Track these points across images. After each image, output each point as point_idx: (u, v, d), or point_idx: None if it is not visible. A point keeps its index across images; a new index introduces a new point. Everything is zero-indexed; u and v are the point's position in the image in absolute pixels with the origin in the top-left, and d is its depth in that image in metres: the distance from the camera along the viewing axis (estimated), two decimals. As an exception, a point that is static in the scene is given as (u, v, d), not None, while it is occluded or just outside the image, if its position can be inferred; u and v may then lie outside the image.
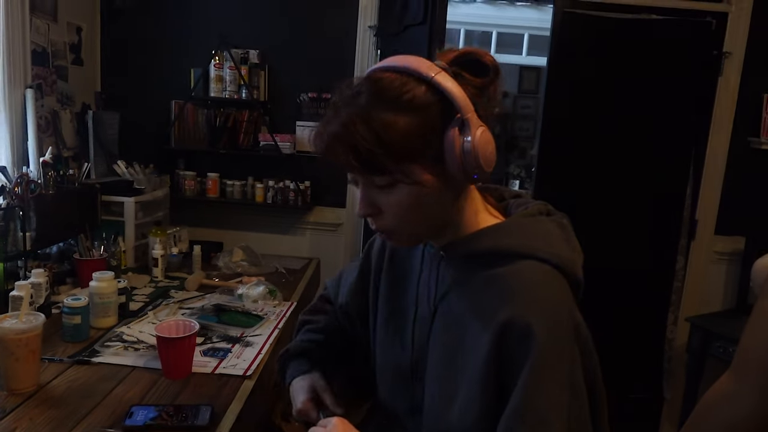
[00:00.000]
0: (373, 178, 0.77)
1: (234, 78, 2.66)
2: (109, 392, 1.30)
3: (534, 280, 0.78)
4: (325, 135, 0.76)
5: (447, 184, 0.78)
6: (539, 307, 0.75)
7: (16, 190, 1.83)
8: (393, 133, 0.73)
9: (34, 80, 2.22)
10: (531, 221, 0.86)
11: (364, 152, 0.74)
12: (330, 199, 2.85)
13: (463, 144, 0.74)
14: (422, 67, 0.75)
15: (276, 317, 1.83)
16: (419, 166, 0.76)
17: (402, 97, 0.75)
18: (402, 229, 0.82)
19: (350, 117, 0.74)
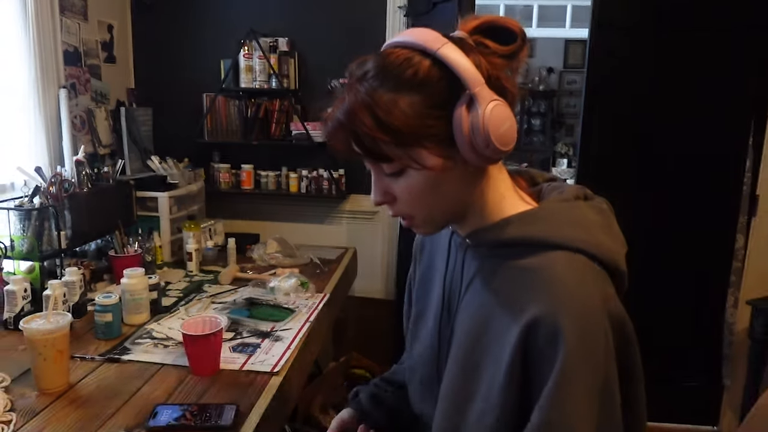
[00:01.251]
0: (381, 165, 0.73)
1: (264, 67, 2.62)
2: (136, 391, 1.30)
3: (565, 274, 0.70)
4: (329, 122, 0.73)
5: (461, 167, 0.72)
6: (570, 306, 0.67)
7: (50, 189, 1.85)
8: (395, 116, 0.68)
9: (68, 80, 2.24)
10: (565, 207, 0.77)
11: (367, 139, 0.70)
12: (365, 186, 2.80)
13: (472, 122, 0.68)
14: (428, 39, 0.69)
15: (308, 310, 1.79)
16: (426, 150, 0.70)
17: (404, 74, 0.69)
18: (418, 215, 0.77)
19: (352, 103, 0.70)
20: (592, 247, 0.72)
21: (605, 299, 0.70)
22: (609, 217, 0.80)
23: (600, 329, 0.68)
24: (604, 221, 0.78)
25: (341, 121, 0.71)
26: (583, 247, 0.72)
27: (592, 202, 0.81)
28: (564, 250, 0.72)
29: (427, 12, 2.43)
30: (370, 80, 0.70)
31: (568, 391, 0.65)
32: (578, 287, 0.69)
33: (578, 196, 0.80)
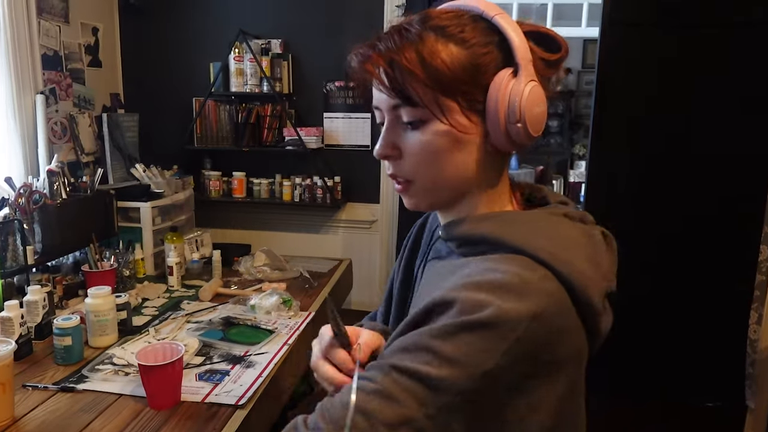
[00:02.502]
0: (401, 112, 0.68)
1: (255, 71, 2.51)
2: (85, 426, 1.18)
3: (504, 272, 0.60)
4: (363, 50, 0.68)
5: (480, 141, 0.69)
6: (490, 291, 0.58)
7: (18, 201, 1.75)
8: (440, 59, 0.65)
9: (46, 85, 2.15)
10: (549, 219, 0.70)
11: (402, 71, 0.65)
12: (362, 194, 2.67)
13: (511, 89, 0.65)
14: (486, 6, 0.68)
15: (288, 331, 1.66)
16: (457, 105, 0.66)
17: (456, 28, 0.67)
18: (419, 179, 0.71)
19: (397, 40, 0.66)
20: (560, 264, 0.62)
21: (535, 315, 0.58)
22: (597, 246, 0.70)
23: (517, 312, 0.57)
24: (589, 247, 0.68)
25: (380, 49, 0.66)
26: (549, 261, 0.62)
27: (586, 226, 0.72)
28: (527, 256, 0.63)
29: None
30: (419, 24, 0.67)
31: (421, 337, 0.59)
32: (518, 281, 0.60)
33: (574, 217, 0.72)
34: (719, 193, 2.34)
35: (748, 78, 2.23)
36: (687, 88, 2.27)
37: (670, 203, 2.35)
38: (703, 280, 2.39)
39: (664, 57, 2.27)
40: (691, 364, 2.45)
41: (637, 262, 0.64)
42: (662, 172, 2.35)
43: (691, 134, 2.31)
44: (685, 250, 2.37)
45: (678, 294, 2.38)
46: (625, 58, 2.30)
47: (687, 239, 2.36)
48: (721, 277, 2.39)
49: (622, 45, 2.29)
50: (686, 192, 2.35)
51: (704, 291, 2.40)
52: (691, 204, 2.35)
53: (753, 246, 2.37)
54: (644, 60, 2.29)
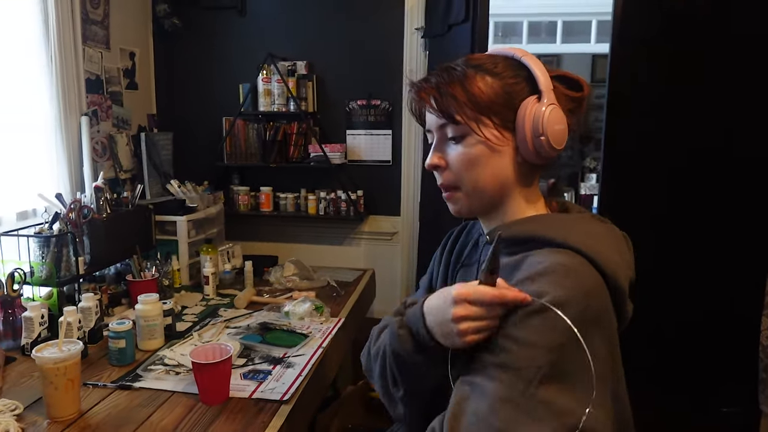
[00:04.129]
0: (446, 129, 0.85)
1: (282, 91, 2.65)
2: (146, 419, 1.29)
3: (560, 264, 0.75)
4: (417, 84, 0.87)
5: (512, 156, 0.84)
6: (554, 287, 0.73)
7: (69, 215, 1.88)
8: (477, 87, 0.82)
9: (89, 107, 2.29)
10: (581, 218, 0.87)
11: (447, 97, 0.83)
12: (384, 207, 2.79)
13: (535, 111, 0.81)
14: (512, 50, 0.86)
15: (322, 335, 1.77)
16: (492, 123, 0.82)
17: (490, 65, 0.85)
18: (463, 184, 0.86)
19: (443, 75, 0.85)
20: (594, 253, 0.78)
21: (588, 294, 0.74)
22: (620, 241, 0.86)
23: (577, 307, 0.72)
24: (613, 241, 0.84)
25: (431, 82, 0.85)
26: (585, 250, 0.77)
27: (610, 225, 0.88)
28: (567, 248, 0.78)
29: (443, 34, 2.42)
30: (460, 65, 0.86)
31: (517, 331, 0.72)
32: (570, 275, 0.74)
33: (596, 217, 0.88)
34: (732, 201, 2.42)
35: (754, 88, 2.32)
36: (696, 101, 2.36)
37: (683, 213, 2.42)
38: (716, 287, 2.46)
39: (673, 71, 2.36)
40: (706, 371, 2.51)
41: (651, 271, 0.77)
42: (675, 182, 2.43)
43: (702, 145, 2.39)
44: (699, 257, 2.44)
45: (692, 301, 2.44)
46: (634, 73, 2.40)
47: (700, 248, 2.44)
48: (734, 284, 2.46)
49: (631, 61, 2.39)
50: (699, 201, 2.43)
51: (717, 298, 2.47)
52: (704, 213, 2.43)
53: (765, 253, 2.45)
54: (653, 75, 2.38)
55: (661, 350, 2.45)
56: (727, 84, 2.33)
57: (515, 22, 5.97)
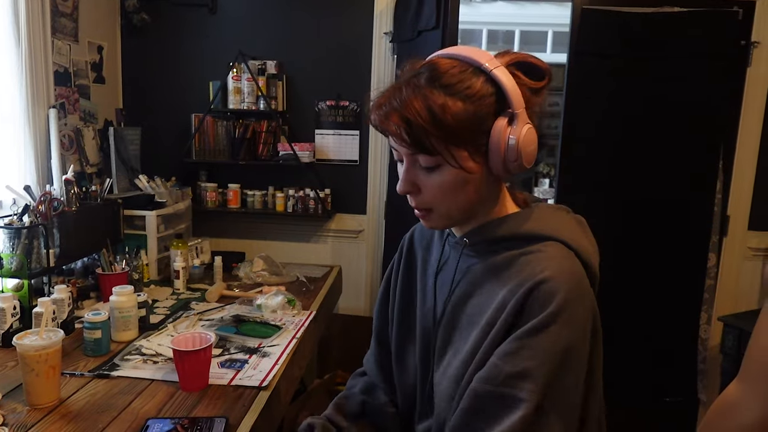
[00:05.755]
0: (418, 158, 0.81)
1: (252, 89, 2.68)
2: (126, 405, 1.32)
3: (560, 254, 0.81)
4: (383, 107, 0.80)
5: (487, 174, 0.83)
6: (568, 277, 0.78)
7: (39, 208, 1.87)
8: (448, 116, 0.76)
9: (57, 100, 2.28)
10: (554, 212, 0.90)
11: (418, 129, 0.77)
12: (350, 206, 2.85)
13: (509, 137, 0.78)
14: (483, 59, 0.79)
15: (294, 327, 1.83)
16: (466, 152, 0.79)
17: (461, 85, 0.78)
18: (437, 208, 0.85)
19: (409, 95, 0.78)
20: (576, 245, 0.84)
21: (587, 288, 0.81)
22: (586, 228, 0.92)
23: (585, 306, 0.78)
24: (582, 230, 0.90)
25: (397, 108, 0.78)
26: (569, 243, 0.83)
27: (573, 215, 0.93)
28: (555, 241, 0.83)
29: (412, 39, 2.51)
30: (428, 81, 0.78)
31: (537, 338, 0.75)
32: (571, 265, 0.81)
33: (561, 208, 0.93)
34: (674, 208, 2.59)
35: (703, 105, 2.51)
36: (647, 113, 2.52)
37: (629, 218, 2.57)
38: (658, 285, 2.63)
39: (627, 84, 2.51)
40: (649, 363, 2.68)
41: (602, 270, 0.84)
42: (622, 190, 2.58)
43: (648, 155, 2.56)
44: (646, 259, 2.60)
45: (635, 298, 2.60)
46: (590, 85, 2.54)
47: (645, 249, 2.60)
48: (675, 283, 2.64)
49: (587, 72, 2.53)
50: (644, 208, 2.59)
51: (660, 295, 2.63)
52: (650, 218, 2.59)
53: (703, 256, 2.64)
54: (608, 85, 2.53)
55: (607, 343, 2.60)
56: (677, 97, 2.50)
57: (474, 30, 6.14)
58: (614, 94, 2.53)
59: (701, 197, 2.59)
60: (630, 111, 2.53)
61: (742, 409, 0.80)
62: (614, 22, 2.46)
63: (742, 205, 2.65)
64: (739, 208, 2.65)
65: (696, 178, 2.57)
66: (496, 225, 0.86)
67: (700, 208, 2.60)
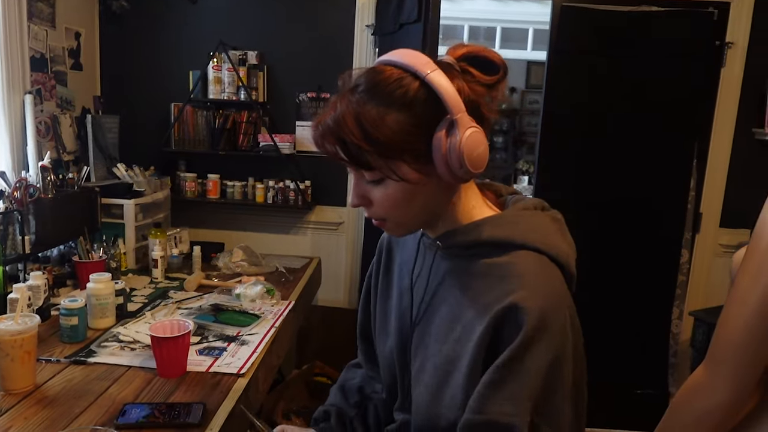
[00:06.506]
0: (362, 172, 0.79)
1: (232, 79, 2.67)
2: (103, 391, 1.31)
3: (530, 268, 0.79)
4: (319, 127, 0.78)
5: (436, 182, 0.79)
6: (537, 293, 0.76)
7: (15, 194, 1.85)
8: (381, 130, 0.74)
9: (33, 86, 2.24)
10: (527, 214, 0.86)
11: (352, 147, 0.75)
12: (330, 198, 2.86)
13: (449, 145, 0.74)
14: (419, 63, 0.75)
15: (273, 316, 1.83)
16: (406, 164, 0.76)
17: (395, 93, 0.75)
18: (392, 219, 0.83)
19: (342, 112, 0.75)
20: (550, 248, 0.81)
21: (564, 294, 0.80)
22: (563, 226, 0.89)
23: (559, 314, 0.77)
24: (559, 228, 0.87)
25: (331, 127, 0.76)
26: (543, 248, 0.81)
27: (549, 212, 0.90)
28: (527, 249, 0.81)
29: (393, 32, 2.52)
30: (361, 93, 0.76)
31: (521, 360, 0.74)
32: (543, 278, 0.79)
33: (537, 206, 0.89)
34: (648, 205, 2.65)
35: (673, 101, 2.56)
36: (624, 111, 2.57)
37: (604, 215, 2.61)
38: (632, 281, 2.68)
39: (603, 83, 2.56)
40: (621, 356, 2.74)
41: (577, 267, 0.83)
42: (598, 186, 2.63)
43: (624, 154, 2.60)
44: (618, 254, 2.65)
45: (608, 293, 2.64)
46: (568, 82, 2.58)
47: (619, 246, 2.65)
48: (648, 278, 2.70)
49: (566, 70, 2.57)
50: (619, 205, 2.64)
51: (633, 290, 2.69)
52: (624, 216, 2.64)
53: (676, 253, 2.70)
54: (585, 85, 2.58)
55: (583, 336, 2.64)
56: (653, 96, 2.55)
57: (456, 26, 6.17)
58: (592, 92, 2.57)
59: (675, 195, 2.65)
60: (607, 109, 2.58)
61: (709, 392, 0.82)
62: (593, 20, 2.50)
63: (715, 203, 2.71)
64: (712, 206, 2.71)
65: (670, 176, 2.63)
66: (464, 232, 0.84)
67: (673, 206, 2.66)
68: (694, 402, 0.84)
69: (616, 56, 2.54)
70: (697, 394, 0.84)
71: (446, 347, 0.83)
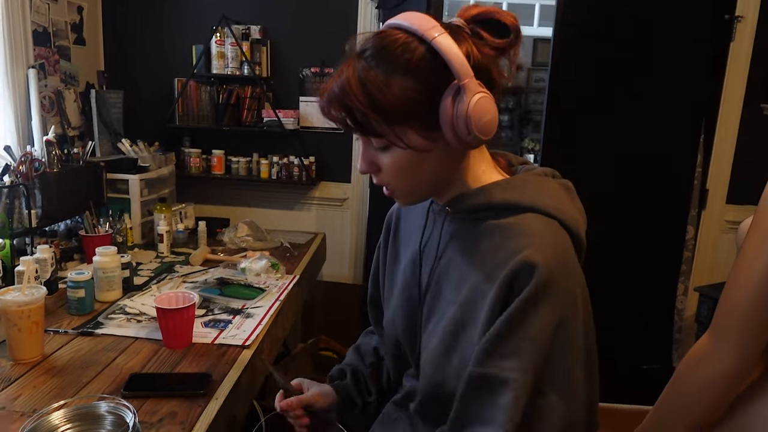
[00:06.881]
0: (370, 139, 0.78)
1: (236, 54, 2.65)
2: (110, 362, 1.33)
3: (539, 228, 0.78)
4: (325, 94, 0.77)
5: (444, 148, 0.78)
6: (544, 251, 0.75)
7: (20, 168, 1.85)
8: (387, 96, 0.73)
9: (36, 60, 2.23)
10: (537, 179, 0.85)
11: (358, 114, 0.74)
12: (335, 174, 2.86)
13: (456, 112, 0.73)
14: (425, 27, 0.73)
15: (278, 290, 1.84)
16: (413, 130, 0.75)
17: (400, 58, 0.73)
18: (399, 186, 0.82)
19: (348, 78, 0.74)
20: (560, 213, 0.80)
21: (573, 259, 0.79)
22: (573, 194, 0.88)
23: (569, 276, 0.76)
24: (569, 196, 0.86)
25: (337, 94, 0.75)
26: (553, 213, 0.80)
27: (560, 180, 0.90)
28: (536, 212, 0.80)
29: (398, 5, 2.49)
30: (367, 59, 0.74)
31: (527, 314, 0.73)
32: (553, 239, 0.78)
33: (547, 173, 0.89)
34: (655, 182, 2.63)
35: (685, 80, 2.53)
36: (631, 87, 2.55)
37: (613, 191, 2.61)
38: (637, 257, 2.69)
39: (611, 59, 2.53)
40: (626, 331, 2.75)
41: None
42: (605, 163, 2.61)
43: (630, 130, 2.58)
44: (624, 230, 2.65)
45: (614, 269, 2.65)
46: (575, 59, 2.55)
47: (625, 222, 2.64)
48: (654, 255, 2.70)
49: (572, 47, 2.54)
50: (627, 181, 2.63)
51: (638, 266, 2.69)
52: (631, 192, 2.64)
53: (681, 227, 2.69)
54: (592, 61, 2.55)
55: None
56: (660, 70, 2.52)
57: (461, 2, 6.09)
58: (599, 69, 2.54)
59: (682, 171, 2.63)
60: (613, 84, 2.55)
61: (714, 360, 0.82)
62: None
63: (721, 180, 2.69)
64: (718, 182, 2.70)
65: (677, 153, 2.61)
66: (473, 195, 0.83)
67: (680, 182, 2.64)
68: (698, 370, 0.84)
69: (623, 31, 2.50)
70: (702, 363, 0.84)
71: (454, 311, 0.83)
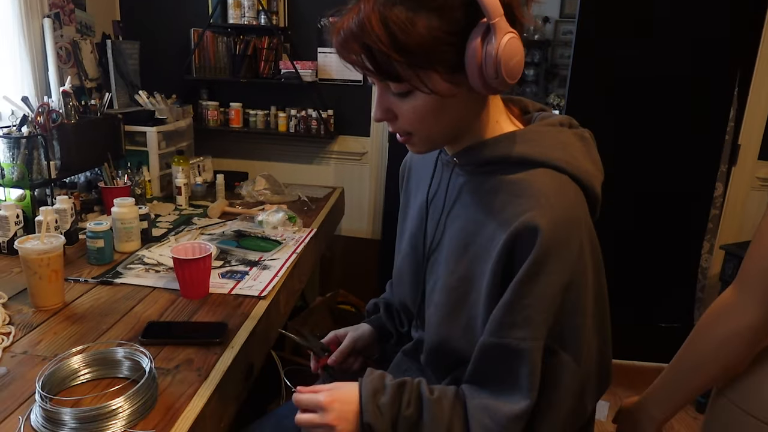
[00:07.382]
0: (388, 84, 0.73)
1: (252, 3, 2.59)
2: (129, 310, 1.35)
3: (546, 187, 0.75)
4: (341, 31, 0.71)
5: (466, 94, 0.74)
6: (550, 211, 0.72)
7: (38, 119, 1.85)
8: (411, 36, 0.67)
9: (51, 9, 2.20)
10: (550, 130, 0.81)
11: (379, 55, 0.69)
12: (354, 128, 2.81)
13: (485, 53, 0.68)
14: None
15: (295, 243, 1.84)
16: (437, 74, 0.71)
17: None
18: (417, 133, 0.79)
19: (368, 14, 0.68)
20: (572, 168, 0.77)
21: (581, 217, 0.76)
22: (590, 145, 0.84)
23: (575, 235, 0.74)
24: (585, 147, 0.82)
25: (354, 32, 0.69)
26: (565, 167, 0.77)
27: (576, 129, 0.85)
28: (547, 167, 0.76)
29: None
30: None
31: (534, 280, 0.71)
32: (560, 198, 0.74)
33: (563, 123, 0.84)
34: (684, 136, 2.54)
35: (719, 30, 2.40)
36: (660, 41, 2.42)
37: (640, 147, 2.52)
38: (663, 214, 2.62)
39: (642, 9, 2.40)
40: (649, 289, 2.71)
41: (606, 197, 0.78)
42: (632, 118, 2.52)
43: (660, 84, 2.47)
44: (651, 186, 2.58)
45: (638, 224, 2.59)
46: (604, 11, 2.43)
47: (653, 177, 2.57)
48: (680, 212, 2.63)
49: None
50: (655, 137, 2.54)
51: (663, 224, 2.63)
52: (658, 147, 2.55)
53: (710, 183, 2.61)
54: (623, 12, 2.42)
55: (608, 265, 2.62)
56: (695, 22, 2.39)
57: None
58: (627, 20, 2.42)
59: (713, 125, 2.53)
60: (645, 35, 2.43)
61: (738, 313, 0.80)
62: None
63: (755, 135, 2.59)
64: (751, 138, 2.59)
65: (709, 106, 2.50)
66: (483, 148, 0.80)
67: (711, 137, 2.54)
68: (722, 323, 0.82)
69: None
70: (726, 316, 0.82)
71: (460, 267, 0.81)
